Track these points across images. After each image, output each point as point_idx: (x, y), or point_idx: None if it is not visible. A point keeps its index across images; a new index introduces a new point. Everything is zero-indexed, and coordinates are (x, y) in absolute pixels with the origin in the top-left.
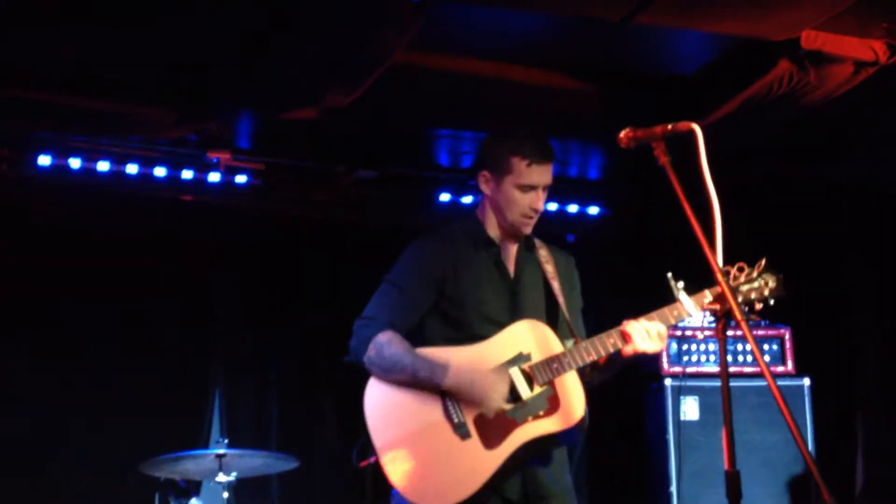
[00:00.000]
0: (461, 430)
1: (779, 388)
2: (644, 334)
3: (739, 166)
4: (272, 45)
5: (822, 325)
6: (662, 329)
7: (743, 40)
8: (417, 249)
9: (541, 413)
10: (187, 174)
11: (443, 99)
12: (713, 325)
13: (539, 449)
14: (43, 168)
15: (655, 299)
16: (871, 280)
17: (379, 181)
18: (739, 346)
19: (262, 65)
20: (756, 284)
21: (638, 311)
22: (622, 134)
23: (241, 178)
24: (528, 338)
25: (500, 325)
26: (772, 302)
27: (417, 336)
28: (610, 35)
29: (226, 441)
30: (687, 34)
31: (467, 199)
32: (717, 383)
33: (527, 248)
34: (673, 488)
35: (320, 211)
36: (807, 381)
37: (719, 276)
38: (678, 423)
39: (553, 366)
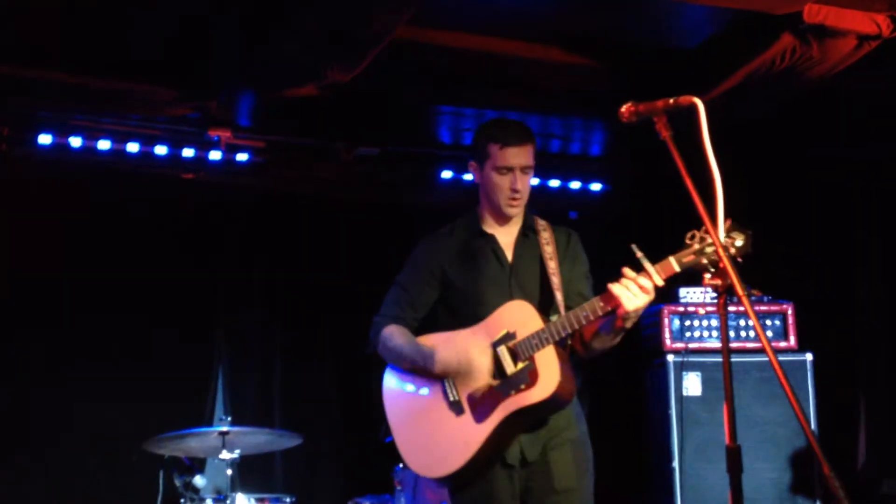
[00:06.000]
0: (455, 407)
1: (781, 363)
2: (628, 293)
3: (742, 141)
4: (273, 22)
5: (826, 300)
6: (645, 282)
7: (745, 14)
8: (418, 249)
9: (522, 386)
10: (188, 152)
11: (444, 75)
12: (716, 300)
13: (528, 419)
14: (43, 147)
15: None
16: (874, 256)
17: (381, 158)
18: (742, 322)
19: (263, 42)
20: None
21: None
22: (623, 108)
23: (241, 157)
24: (515, 317)
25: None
26: (739, 260)
27: (432, 323)
28: (612, 8)
29: (229, 418)
30: (689, 7)
31: (469, 177)
32: (720, 359)
33: (525, 233)
34: (675, 464)
35: (322, 188)
36: (809, 357)
37: (721, 252)
38: (680, 399)
39: (533, 341)
